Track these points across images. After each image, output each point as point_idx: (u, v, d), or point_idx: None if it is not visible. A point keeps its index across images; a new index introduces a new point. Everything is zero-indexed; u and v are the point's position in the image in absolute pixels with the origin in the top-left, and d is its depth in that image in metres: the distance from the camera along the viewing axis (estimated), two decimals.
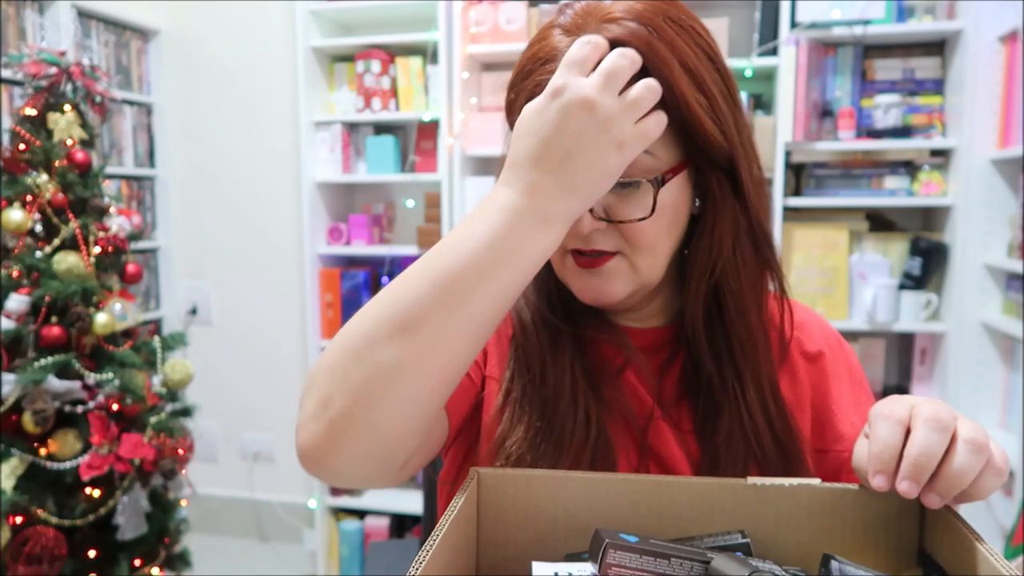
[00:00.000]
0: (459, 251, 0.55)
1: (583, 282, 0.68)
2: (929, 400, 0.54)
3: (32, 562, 1.61)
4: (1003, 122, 2.14)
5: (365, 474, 0.59)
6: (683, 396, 0.73)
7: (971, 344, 2.23)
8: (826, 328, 0.81)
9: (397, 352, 0.54)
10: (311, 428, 0.56)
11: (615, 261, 0.67)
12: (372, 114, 2.55)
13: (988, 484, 0.51)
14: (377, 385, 0.54)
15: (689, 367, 0.73)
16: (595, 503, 0.57)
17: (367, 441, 0.56)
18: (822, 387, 0.76)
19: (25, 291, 1.69)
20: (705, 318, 0.70)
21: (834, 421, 0.75)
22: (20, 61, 1.72)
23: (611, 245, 0.66)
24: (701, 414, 0.71)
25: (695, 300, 0.70)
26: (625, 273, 0.67)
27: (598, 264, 0.67)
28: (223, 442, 2.92)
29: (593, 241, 0.66)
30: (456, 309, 0.54)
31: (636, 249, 0.66)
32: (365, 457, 0.57)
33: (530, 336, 0.72)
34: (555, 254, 0.69)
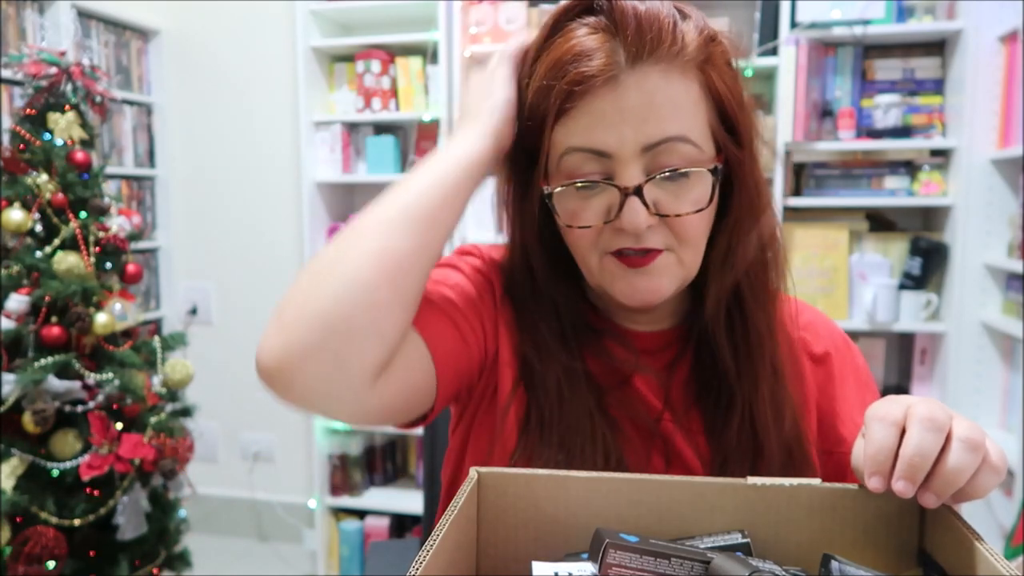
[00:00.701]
0: (410, 184, 0.67)
1: (628, 283, 0.67)
2: (924, 400, 0.53)
3: (32, 562, 1.61)
4: (1003, 122, 2.14)
5: (328, 392, 0.61)
6: (692, 397, 0.73)
7: (971, 344, 2.23)
8: (833, 329, 0.81)
9: (338, 246, 0.62)
10: (272, 343, 0.61)
11: (663, 257, 0.66)
12: (372, 114, 2.55)
13: (985, 483, 0.51)
14: (322, 273, 0.61)
15: (698, 367, 0.73)
16: (595, 503, 0.57)
17: (333, 351, 0.59)
18: (828, 389, 0.76)
19: (25, 291, 1.69)
20: (726, 315, 0.70)
21: (838, 423, 0.75)
22: (20, 61, 1.72)
23: (660, 242, 0.65)
24: (711, 414, 0.71)
25: (717, 297, 0.70)
26: (673, 269, 0.67)
27: (648, 262, 0.65)
28: (223, 442, 2.92)
29: (644, 239, 0.64)
30: (386, 199, 0.64)
31: (684, 243, 0.66)
32: (333, 369, 0.59)
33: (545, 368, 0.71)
34: (591, 259, 0.68)
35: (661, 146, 0.62)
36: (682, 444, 0.71)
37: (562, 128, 0.65)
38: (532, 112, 0.67)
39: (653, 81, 0.62)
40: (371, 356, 0.61)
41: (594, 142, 0.63)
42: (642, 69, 0.62)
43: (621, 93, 0.62)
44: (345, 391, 0.61)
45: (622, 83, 0.62)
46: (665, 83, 0.62)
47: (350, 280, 0.60)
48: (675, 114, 0.62)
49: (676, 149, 0.63)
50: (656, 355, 0.75)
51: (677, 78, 0.62)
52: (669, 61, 0.62)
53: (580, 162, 0.64)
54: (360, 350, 0.60)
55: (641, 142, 0.62)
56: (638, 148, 0.62)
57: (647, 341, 0.75)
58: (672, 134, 0.62)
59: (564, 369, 0.71)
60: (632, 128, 0.62)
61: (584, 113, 0.63)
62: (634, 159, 0.63)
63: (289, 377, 0.60)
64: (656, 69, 0.62)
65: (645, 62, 0.61)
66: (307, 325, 0.59)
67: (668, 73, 0.62)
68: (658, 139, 0.62)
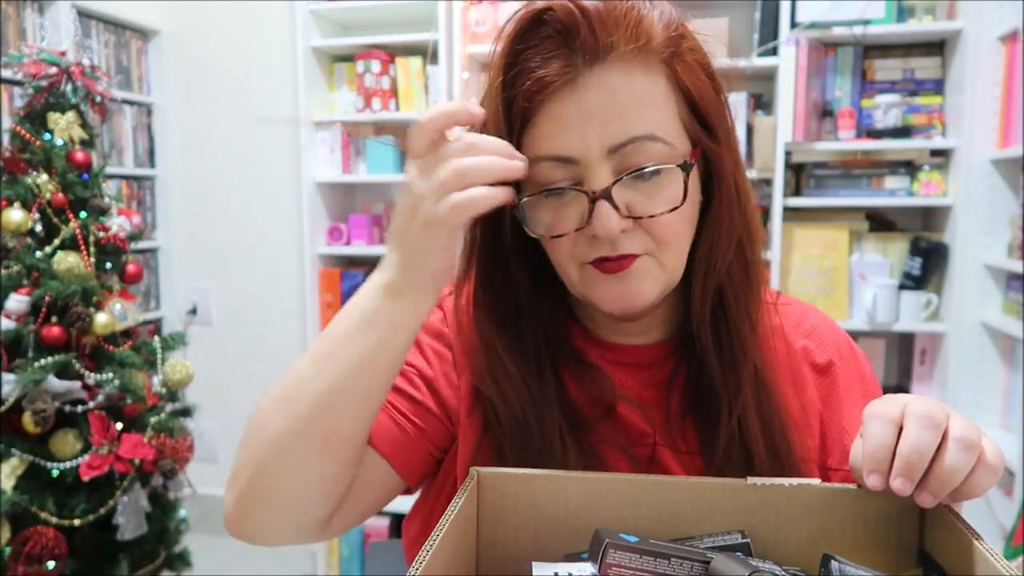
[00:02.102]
0: (333, 323, 0.62)
1: (609, 290, 0.64)
2: (921, 398, 0.53)
3: (32, 562, 1.61)
4: (1003, 122, 2.14)
5: (279, 536, 0.65)
6: (688, 411, 0.70)
7: (971, 344, 2.23)
8: (837, 335, 0.77)
9: (283, 423, 0.61)
10: (227, 498, 0.66)
11: (642, 261, 0.63)
12: (372, 114, 2.55)
13: (982, 482, 0.51)
14: (271, 455, 0.61)
15: (693, 379, 0.70)
16: (595, 503, 0.57)
17: (272, 507, 0.63)
18: (832, 401, 0.73)
19: (25, 291, 1.69)
20: (712, 319, 0.68)
21: (843, 438, 0.72)
22: (20, 61, 1.72)
23: (638, 247, 0.62)
24: (704, 429, 0.69)
25: (702, 298, 0.67)
26: (654, 272, 0.64)
27: (626, 265, 0.62)
28: (223, 442, 2.92)
29: (620, 245, 0.62)
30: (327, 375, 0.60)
31: (663, 246, 0.63)
32: (274, 521, 0.64)
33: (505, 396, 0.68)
34: (571, 270, 0.65)
35: (628, 146, 0.60)
36: (675, 468, 0.69)
37: (527, 138, 0.62)
38: (497, 131, 0.63)
39: (614, 79, 0.59)
40: (326, 511, 0.65)
41: (558, 148, 0.61)
42: (601, 69, 0.59)
43: (581, 95, 0.59)
44: (302, 534, 0.66)
45: (581, 84, 0.59)
46: (627, 80, 0.60)
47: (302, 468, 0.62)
48: (640, 112, 0.60)
49: (645, 148, 0.60)
50: (649, 369, 0.72)
51: (640, 74, 0.60)
52: (630, 58, 0.60)
53: (548, 171, 0.62)
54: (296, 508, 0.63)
55: (606, 144, 0.60)
56: (604, 150, 0.60)
57: (639, 355, 0.72)
58: (638, 133, 0.60)
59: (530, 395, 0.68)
60: (595, 130, 0.59)
61: (546, 119, 0.61)
62: (601, 162, 0.60)
63: (242, 528, 0.66)
64: (616, 67, 0.59)
65: (603, 61, 0.59)
66: (245, 485, 0.64)
67: (630, 70, 0.60)
68: (624, 139, 0.60)
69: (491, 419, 0.69)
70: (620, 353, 0.72)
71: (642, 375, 0.72)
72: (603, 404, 0.70)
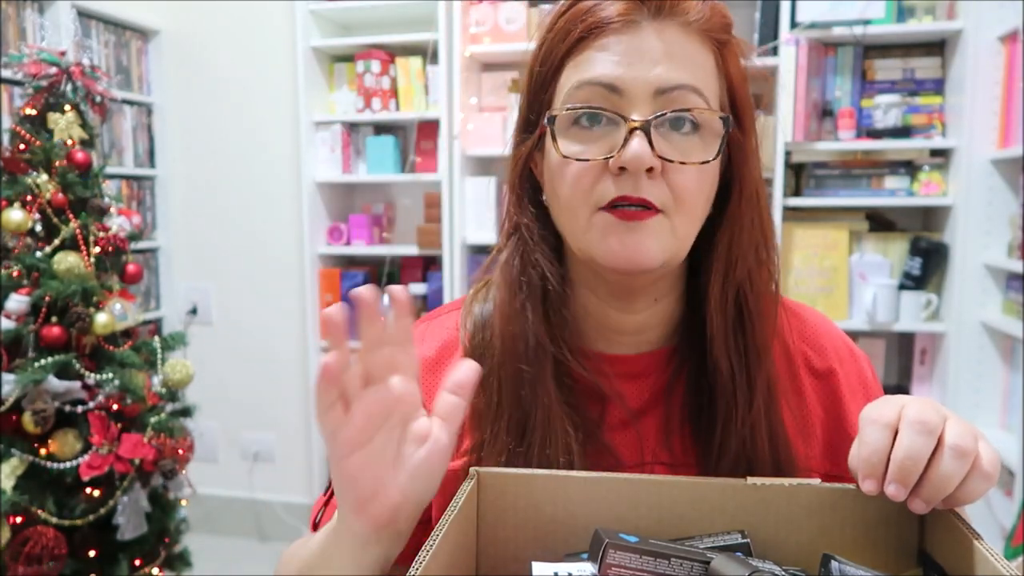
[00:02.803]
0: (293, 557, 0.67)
1: (619, 240, 0.61)
2: (918, 400, 0.53)
3: (32, 562, 1.61)
4: (1003, 122, 2.14)
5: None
6: (687, 421, 0.69)
7: (971, 344, 2.23)
8: (837, 339, 0.75)
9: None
10: None
11: (657, 219, 0.61)
12: (372, 114, 2.55)
13: (975, 489, 0.51)
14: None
15: (693, 388, 0.69)
16: (595, 503, 0.57)
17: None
18: (835, 408, 0.71)
19: (25, 291, 1.69)
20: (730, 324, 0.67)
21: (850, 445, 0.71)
22: (20, 61, 1.72)
23: (657, 198, 0.61)
24: (704, 442, 0.67)
25: (722, 300, 0.66)
26: (664, 234, 0.62)
27: (641, 216, 0.61)
28: (223, 442, 2.92)
29: (642, 187, 0.60)
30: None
31: (680, 205, 0.62)
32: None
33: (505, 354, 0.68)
34: (581, 213, 0.63)
35: (675, 92, 0.60)
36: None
37: (573, 67, 0.63)
38: (544, 59, 0.65)
39: (673, 34, 0.61)
40: None
41: (608, 75, 0.61)
42: (661, 23, 0.61)
43: (641, 37, 0.61)
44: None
45: (642, 29, 0.61)
46: (685, 39, 0.62)
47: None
48: (692, 67, 0.62)
49: (688, 99, 0.61)
50: (647, 378, 0.70)
51: (695, 39, 0.62)
52: (690, 27, 0.62)
53: (589, 96, 0.62)
54: None
55: (655, 84, 0.60)
56: (651, 89, 0.60)
57: (634, 364, 0.70)
58: (687, 82, 0.61)
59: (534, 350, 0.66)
60: (647, 68, 0.60)
61: (599, 50, 0.62)
62: (645, 100, 0.60)
63: None
64: (676, 28, 0.62)
65: (666, 19, 0.61)
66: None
67: (688, 35, 0.62)
68: (673, 84, 0.60)
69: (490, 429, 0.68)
70: (613, 363, 0.70)
71: (638, 384, 0.70)
72: (596, 408, 0.69)
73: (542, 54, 0.65)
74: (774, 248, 0.69)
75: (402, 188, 2.77)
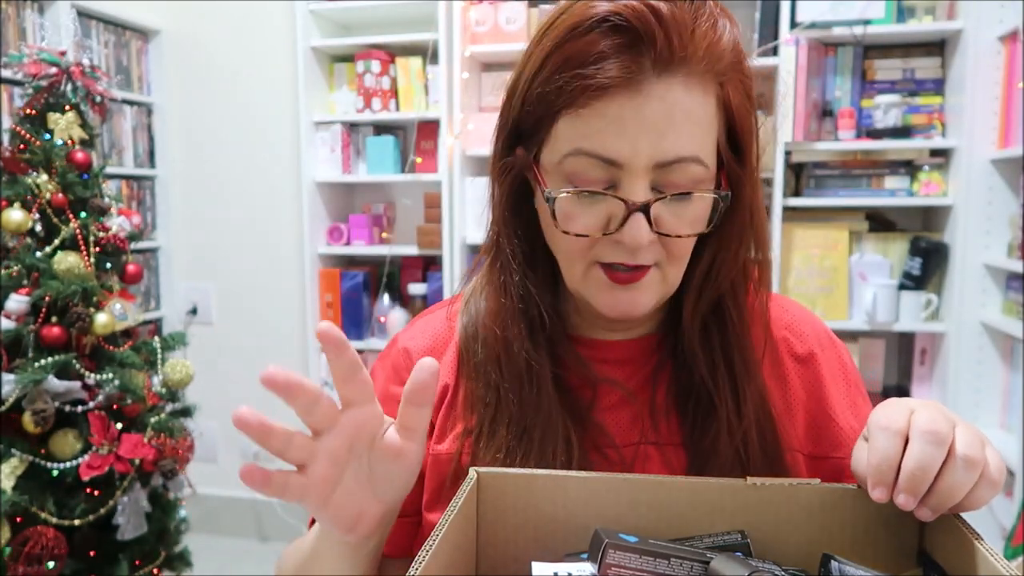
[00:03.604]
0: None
1: (612, 297, 0.64)
2: (926, 406, 0.53)
3: (32, 562, 1.61)
4: (1003, 122, 2.14)
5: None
6: (672, 406, 0.71)
7: (971, 344, 2.23)
8: (816, 326, 0.77)
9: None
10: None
11: (651, 274, 0.64)
12: (372, 114, 2.55)
13: (981, 496, 0.51)
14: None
15: (678, 375, 0.71)
16: (595, 503, 0.57)
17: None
18: (816, 391, 0.73)
19: (25, 291, 1.69)
20: (702, 326, 0.69)
21: (832, 427, 0.72)
22: (20, 61, 1.72)
23: (651, 259, 0.63)
24: (690, 423, 0.69)
25: (695, 311, 0.68)
26: (657, 285, 0.64)
27: (637, 279, 0.63)
28: (223, 442, 2.92)
29: (640, 256, 0.62)
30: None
31: (672, 260, 0.64)
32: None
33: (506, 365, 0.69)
34: (577, 267, 0.65)
35: (675, 165, 0.59)
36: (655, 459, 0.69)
37: (570, 125, 0.60)
38: (537, 101, 0.62)
39: (676, 93, 0.58)
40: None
41: (607, 150, 0.59)
42: (667, 79, 0.58)
43: (643, 102, 0.58)
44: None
45: (644, 91, 0.58)
46: (687, 96, 0.59)
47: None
48: (692, 131, 0.60)
49: (688, 169, 0.60)
50: (633, 364, 0.72)
51: (698, 92, 0.60)
52: (696, 74, 0.59)
53: (586, 167, 0.60)
54: None
55: (656, 158, 0.59)
56: (651, 163, 0.59)
57: (622, 350, 0.72)
58: (686, 154, 0.59)
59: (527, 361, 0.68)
60: (649, 142, 0.58)
61: (600, 115, 0.59)
62: (644, 173, 0.59)
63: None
64: (681, 80, 0.59)
65: (672, 73, 0.58)
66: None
67: (691, 87, 0.59)
68: (672, 157, 0.59)
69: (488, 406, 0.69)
70: (603, 349, 0.73)
71: (625, 369, 0.72)
72: (589, 392, 0.71)
73: (535, 97, 0.62)
74: (767, 263, 0.70)
75: (402, 188, 2.77)
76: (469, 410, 0.71)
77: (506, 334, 0.70)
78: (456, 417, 0.71)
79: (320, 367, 2.71)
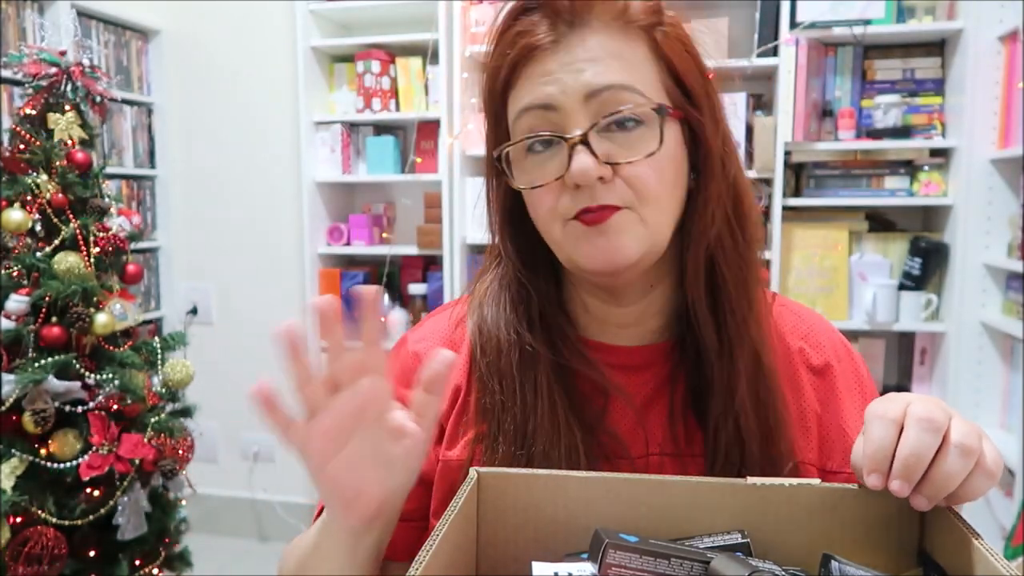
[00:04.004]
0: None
1: (591, 245, 0.63)
2: (924, 398, 0.53)
3: (32, 562, 1.61)
4: (1003, 122, 2.14)
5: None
6: (688, 408, 0.70)
7: (971, 344, 2.23)
8: (833, 336, 0.76)
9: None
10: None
11: (622, 214, 0.63)
12: (372, 114, 2.55)
13: (978, 487, 0.51)
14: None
15: (693, 378, 0.69)
16: (595, 503, 0.57)
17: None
18: (832, 403, 0.72)
19: (25, 291, 1.69)
20: (708, 295, 0.68)
21: (845, 440, 0.70)
22: (20, 61, 1.72)
23: (616, 198, 0.62)
24: (711, 432, 0.67)
25: (694, 271, 0.67)
26: (635, 227, 0.63)
27: (606, 217, 0.62)
28: (223, 442, 2.92)
29: (600, 195, 0.62)
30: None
31: (642, 200, 0.63)
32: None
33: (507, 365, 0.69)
34: (555, 229, 0.65)
35: (605, 93, 0.61)
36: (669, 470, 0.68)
37: (515, 99, 0.65)
38: (489, 97, 0.68)
39: (596, 39, 0.63)
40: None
41: (538, 96, 0.63)
42: (582, 31, 0.63)
43: (565, 51, 0.62)
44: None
45: (564, 43, 0.62)
46: (608, 39, 0.63)
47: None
48: (619, 64, 0.62)
49: (621, 97, 0.62)
50: (648, 371, 0.71)
51: (620, 38, 0.63)
52: (611, 24, 0.63)
53: (531, 122, 0.64)
54: None
55: (583, 91, 0.61)
56: (581, 95, 0.62)
57: (635, 356, 0.71)
58: (615, 81, 0.62)
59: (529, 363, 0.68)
60: (575, 77, 0.62)
61: (528, 77, 0.64)
62: (579, 108, 0.62)
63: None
64: (598, 31, 0.63)
65: (585, 25, 0.63)
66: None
67: (611, 34, 0.63)
68: (601, 85, 0.61)
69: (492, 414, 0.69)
70: (615, 354, 0.72)
71: (641, 376, 0.71)
72: (600, 400, 0.70)
73: (487, 93, 0.68)
74: (748, 216, 0.69)
75: (402, 188, 2.77)
76: (480, 416, 0.70)
77: (510, 342, 0.69)
78: (467, 423, 0.71)
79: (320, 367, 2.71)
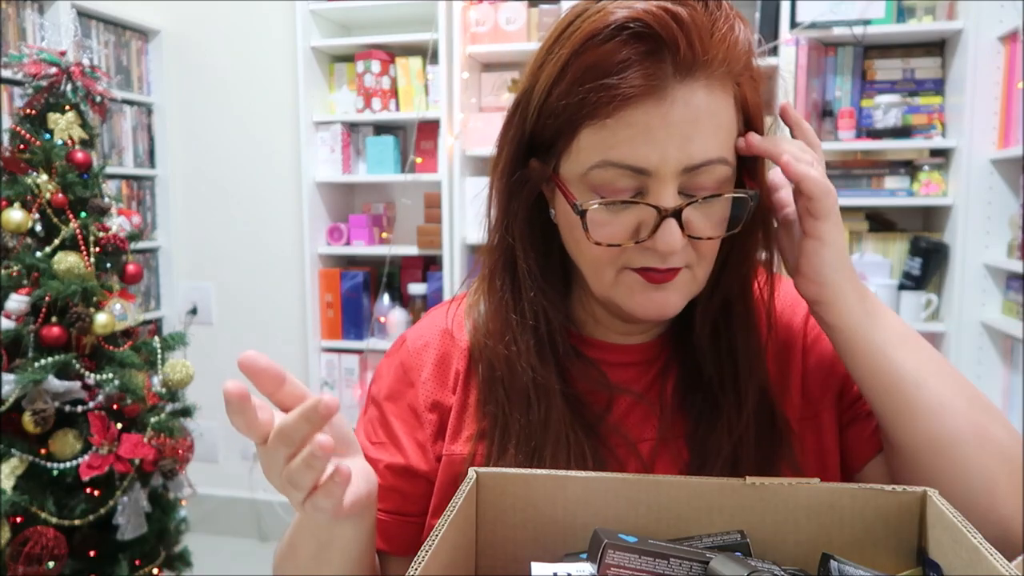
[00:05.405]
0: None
1: (647, 298, 0.64)
2: None
3: (32, 562, 1.61)
4: (1003, 122, 2.14)
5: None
6: (680, 403, 0.72)
7: (971, 344, 2.23)
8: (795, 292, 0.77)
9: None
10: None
11: (683, 274, 0.64)
12: (372, 114, 2.55)
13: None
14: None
15: (685, 374, 0.72)
16: (594, 503, 0.57)
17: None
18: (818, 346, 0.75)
19: (25, 291, 1.69)
20: (712, 327, 0.70)
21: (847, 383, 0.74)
22: (20, 61, 1.72)
23: (682, 261, 0.63)
24: (695, 420, 0.70)
25: (705, 305, 0.69)
26: (688, 285, 0.65)
27: (671, 278, 0.63)
28: (223, 442, 2.92)
29: (672, 261, 0.62)
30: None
31: (701, 261, 0.64)
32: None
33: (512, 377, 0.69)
34: (607, 273, 0.64)
35: (701, 168, 0.60)
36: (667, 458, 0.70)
37: (595, 136, 0.60)
38: (557, 113, 0.61)
39: (699, 96, 0.58)
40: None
41: (636, 159, 0.59)
42: (690, 84, 0.58)
43: (668, 108, 0.57)
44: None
45: (669, 97, 0.57)
46: (709, 99, 0.59)
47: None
48: (717, 133, 0.60)
49: (714, 171, 0.60)
50: (642, 365, 0.73)
51: (719, 93, 0.60)
52: (717, 76, 0.59)
53: (614, 177, 0.60)
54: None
55: (684, 162, 0.59)
56: (680, 168, 0.59)
57: (633, 353, 0.73)
58: (714, 156, 0.60)
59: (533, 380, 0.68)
60: (677, 147, 0.58)
61: (626, 125, 0.58)
62: (673, 179, 0.59)
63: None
64: (703, 83, 0.58)
65: (694, 77, 0.58)
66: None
67: (711, 88, 0.59)
68: (700, 161, 0.59)
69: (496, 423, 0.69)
70: (614, 352, 0.73)
71: (635, 371, 0.73)
72: (603, 398, 0.71)
73: (554, 109, 0.61)
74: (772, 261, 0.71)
75: (402, 188, 2.77)
76: (481, 413, 0.71)
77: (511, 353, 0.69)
78: (468, 417, 0.72)
79: (320, 367, 2.71)
